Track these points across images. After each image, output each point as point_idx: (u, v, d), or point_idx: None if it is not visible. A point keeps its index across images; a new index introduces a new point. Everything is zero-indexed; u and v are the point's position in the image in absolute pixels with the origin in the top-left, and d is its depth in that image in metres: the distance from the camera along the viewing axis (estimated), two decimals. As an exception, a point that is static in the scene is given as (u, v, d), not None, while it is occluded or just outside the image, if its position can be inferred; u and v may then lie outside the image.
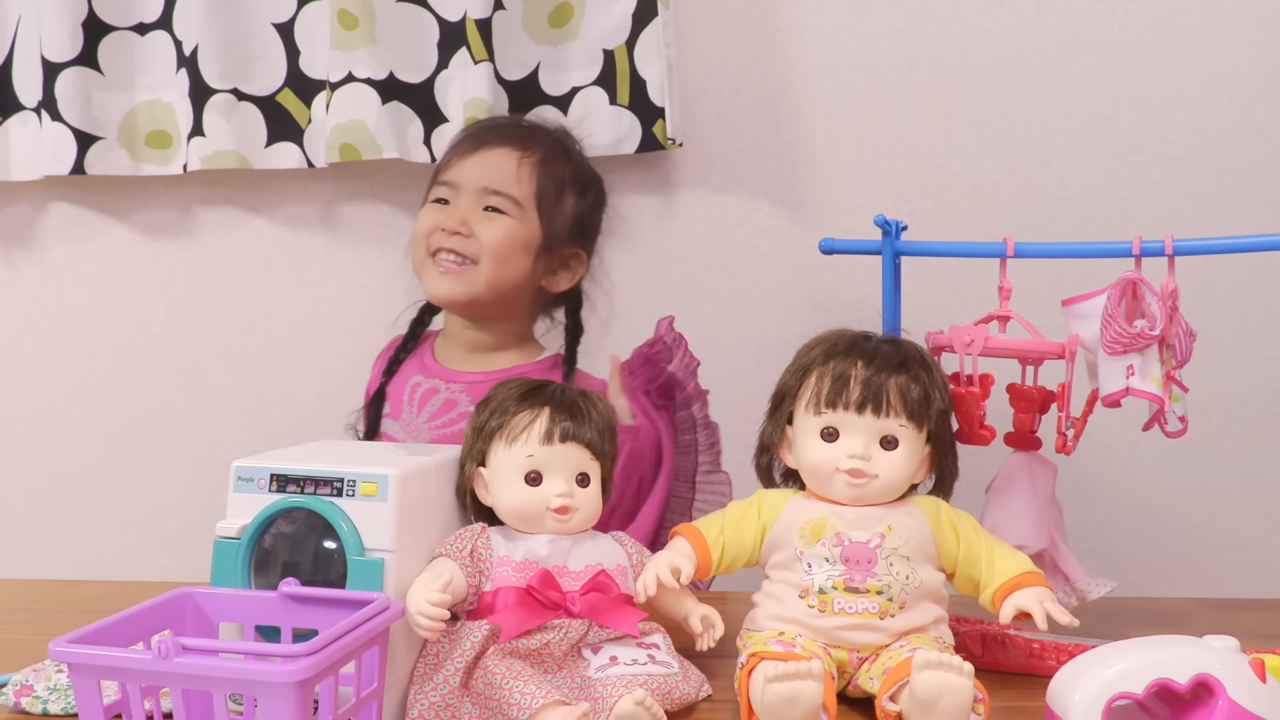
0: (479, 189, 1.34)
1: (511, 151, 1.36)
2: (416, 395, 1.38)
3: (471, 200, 1.34)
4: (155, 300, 1.79)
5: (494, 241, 1.32)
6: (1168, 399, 1.03)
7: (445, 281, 1.34)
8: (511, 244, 1.33)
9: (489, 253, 1.32)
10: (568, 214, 1.39)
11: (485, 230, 1.32)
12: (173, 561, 1.79)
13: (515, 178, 1.34)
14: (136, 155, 1.72)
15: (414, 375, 1.40)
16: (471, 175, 1.34)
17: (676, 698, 0.98)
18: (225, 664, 0.81)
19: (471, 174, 1.34)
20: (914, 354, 1.05)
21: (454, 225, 1.32)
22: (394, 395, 1.39)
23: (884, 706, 0.92)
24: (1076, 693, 0.82)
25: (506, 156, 1.35)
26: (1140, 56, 1.69)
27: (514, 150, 1.36)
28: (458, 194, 1.35)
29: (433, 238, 1.34)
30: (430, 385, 1.38)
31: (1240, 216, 1.69)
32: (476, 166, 1.35)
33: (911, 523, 1.02)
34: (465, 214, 1.33)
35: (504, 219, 1.33)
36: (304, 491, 0.98)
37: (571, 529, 1.02)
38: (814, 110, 1.72)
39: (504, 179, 1.34)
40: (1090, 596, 1.11)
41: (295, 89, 1.69)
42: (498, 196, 1.33)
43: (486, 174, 1.34)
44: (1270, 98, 1.67)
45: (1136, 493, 1.72)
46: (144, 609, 0.92)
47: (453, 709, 0.93)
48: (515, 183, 1.34)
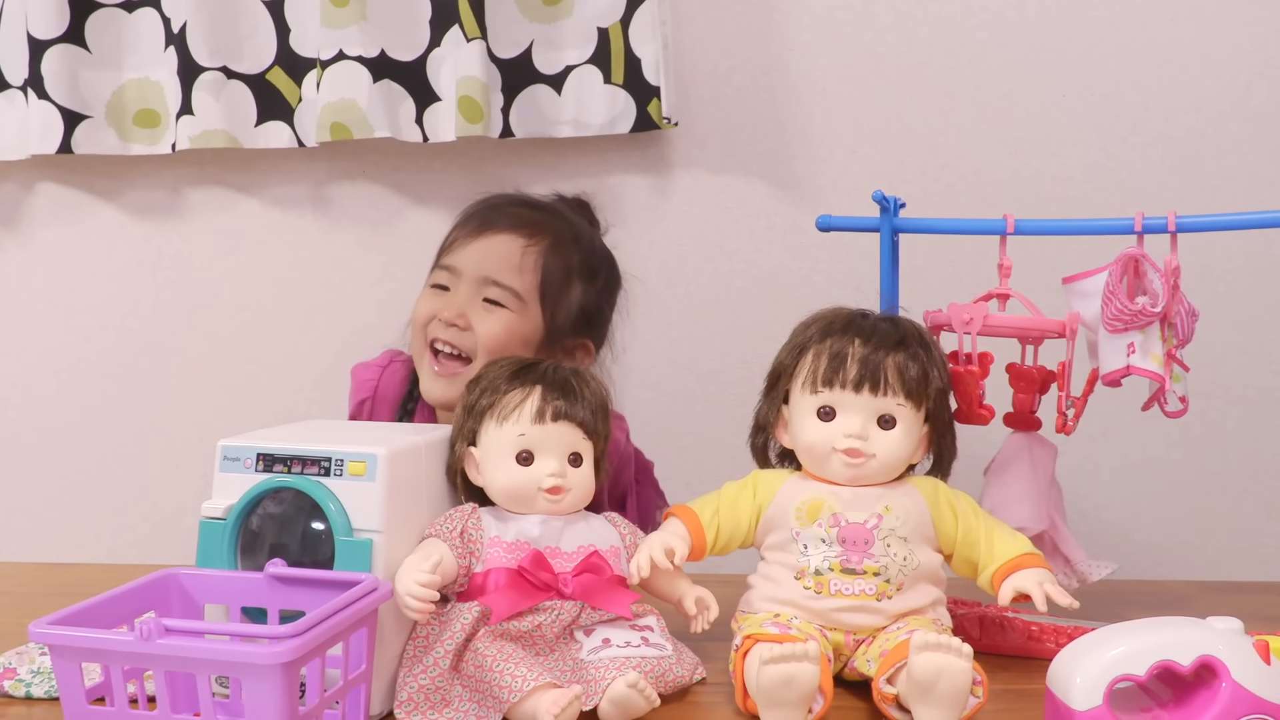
0: (478, 278, 1.27)
1: (516, 239, 1.28)
2: None
3: (470, 290, 1.27)
4: (144, 282, 1.77)
5: (490, 336, 1.25)
6: (1168, 378, 1.01)
7: (440, 384, 1.27)
8: (509, 339, 1.25)
9: (484, 348, 1.24)
10: (573, 305, 1.31)
11: (482, 324, 1.25)
12: (164, 545, 1.77)
13: (518, 268, 1.27)
14: (125, 134, 1.70)
15: None
16: (472, 262, 1.27)
17: (670, 680, 0.96)
18: (209, 645, 0.79)
19: (472, 261, 1.27)
20: (912, 332, 1.03)
21: (450, 316, 1.26)
22: None
23: (881, 689, 0.91)
24: (1078, 675, 0.80)
25: (510, 244, 1.28)
26: (1140, 36, 1.67)
27: (519, 237, 1.28)
28: (458, 281, 1.28)
29: (430, 327, 1.28)
30: None
31: (1241, 197, 1.68)
32: (478, 253, 1.28)
33: (909, 503, 1.01)
34: (463, 304, 1.26)
35: (502, 312, 1.26)
36: (291, 471, 0.96)
37: (563, 509, 1.00)
38: (811, 90, 1.71)
39: (505, 269, 1.26)
40: (1091, 578, 1.09)
41: (285, 67, 1.67)
42: (497, 288, 1.26)
43: (487, 262, 1.27)
44: (1271, 78, 1.66)
45: (1134, 475, 1.71)
46: (127, 590, 0.91)
47: (443, 691, 0.92)
48: (517, 274, 1.26)
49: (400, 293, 1.50)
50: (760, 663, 0.86)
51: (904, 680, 0.89)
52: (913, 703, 0.87)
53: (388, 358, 1.42)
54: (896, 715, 0.91)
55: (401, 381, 1.42)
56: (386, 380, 1.42)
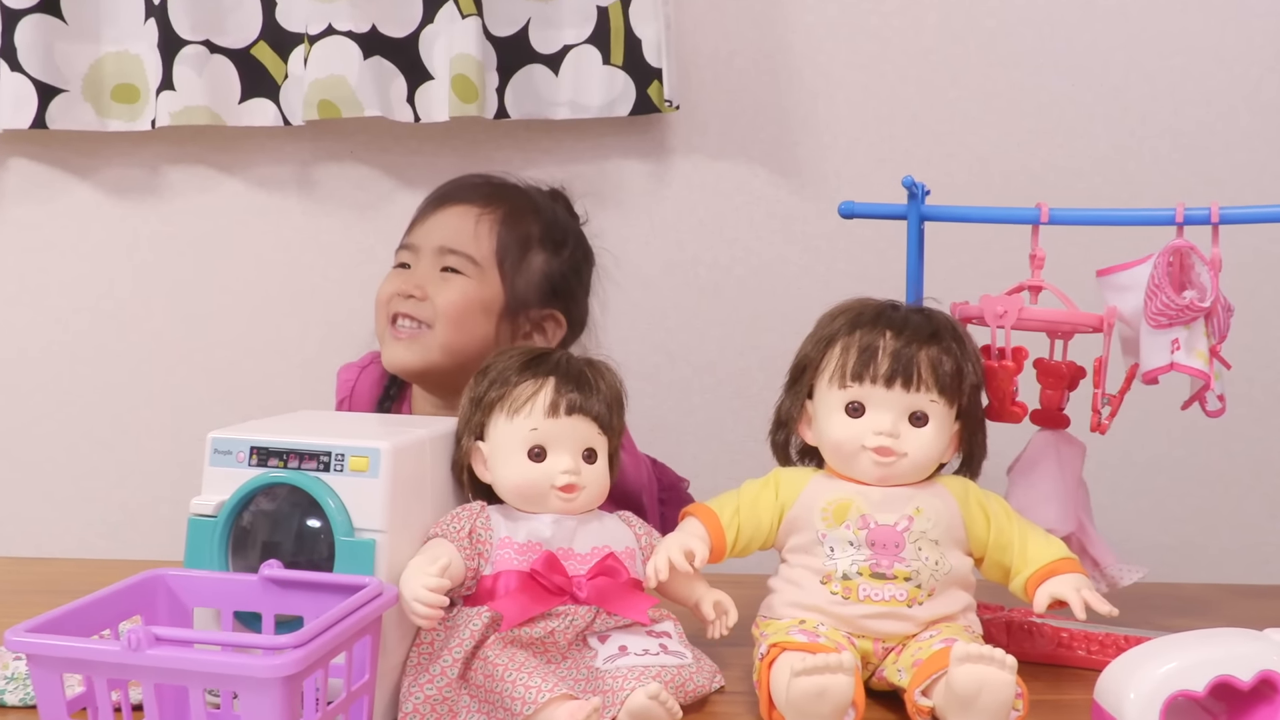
0: (435, 249, 1.27)
1: (470, 209, 1.28)
2: None
3: (429, 262, 1.27)
4: (121, 264, 1.72)
5: (448, 303, 1.24)
6: (1213, 376, 0.97)
7: (399, 348, 1.26)
8: (467, 305, 1.25)
9: (443, 316, 1.24)
10: (535, 273, 1.29)
11: (440, 292, 1.25)
12: (139, 538, 1.72)
13: (473, 235, 1.27)
14: (102, 110, 1.64)
15: None
16: (429, 236, 1.28)
17: (691, 690, 0.91)
18: (203, 656, 0.73)
19: (429, 234, 1.28)
20: (946, 325, 0.98)
21: (408, 289, 1.25)
22: None
23: (916, 701, 0.86)
24: (1131, 690, 0.76)
25: (465, 214, 1.28)
26: (1150, 27, 1.65)
27: (473, 207, 1.29)
28: (417, 257, 1.28)
29: (391, 303, 1.27)
30: None
31: (1248, 191, 1.65)
32: (435, 226, 1.28)
33: (940, 504, 0.96)
34: (421, 277, 1.26)
35: (459, 279, 1.26)
36: (287, 466, 0.90)
37: (577, 508, 0.95)
38: (815, 74, 1.68)
39: (460, 237, 1.27)
40: (1121, 583, 1.05)
41: (271, 42, 1.62)
42: (453, 255, 1.26)
43: (443, 233, 1.27)
44: (1279, 72, 1.64)
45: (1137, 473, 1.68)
46: (111, 593, 0.84)
47: (450, 703, 0.86)
48: (473, 240, 1.27)
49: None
50: (791, 674, 0.81)
51: (942, 692, 0.84)
52: (951, 716, 0.83)
53: (369, 358, 1.40)
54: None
55: (378, 381, 1.39)
56: (364, 380, 1.40)
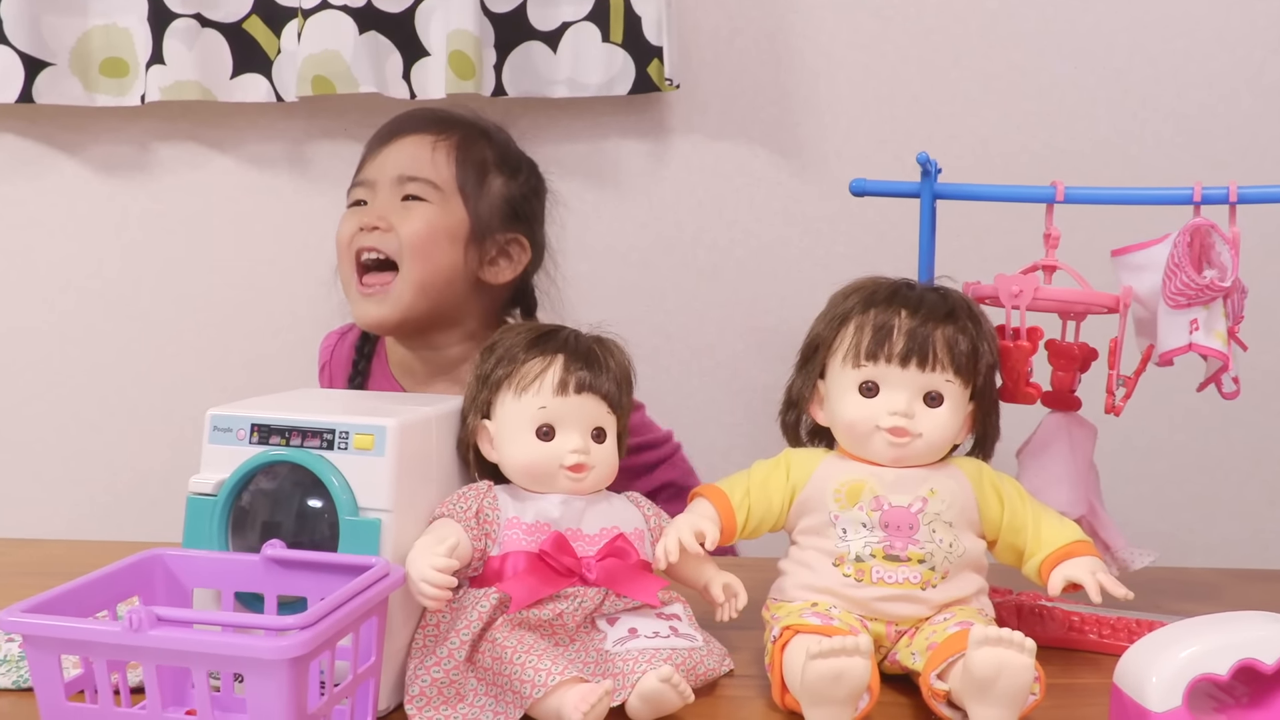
0: (393, 179, 1.24)
1: (425, 137, 1.26)
2: None
3: (388, 193, 1.24)
4: (109, 242, 1.69)
5: (413, 232, 1.21)
6: (1232, 356, 0.96)
7: (369, 305, 1.23)
8: (433, 232, 1.22)
9: (409, 246, 1.21)
10: (496, 196, 1.28)
11: (404, 221, 1.22)
12: (129, 519, 1.70)
13: (430, 161, 1.25)
14: (90, 84, 1.61)
15: None
16: (385, 168, 1.25)
17: (702, 673, 0.90)
18: (208, 638, 0.71)
19: (384, 167, 1.25)
20: (961, 304, 0.96)
21: (371, 221, 1.22)
22: None
23: (932, 685, 0.85)
24: (1153, 674, 0.74)
25: (420, 143, 1.26)
26: (1154, 9, 1.64)
27: (428, 135, 1.26)
28: (374, 191, 1.25)
29: (354, 241, 1.24)
30: None
31: (1251, 174, 1.61)
32: (389, 158, 1.25)
33: (954, 486, 0.95)
34: (382, 209, 1.23)
35: (423, 206, 1.23)
36: (289, 444, 0.88)
37: (585, 488, 0.93)
38: (816, 54, 1.66)
39: (418, 164, 1.24)
40: (1132, 567, 1.04)
41: (264, 16, 1.59)
42: (414, 183, 1.23)
43: (400, 163, 1.24)
44: (1283, 56, 1.63)
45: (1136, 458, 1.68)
46: (108, 573, 0.82)
47: (457, 685, 0.84)
48: (431, 166, 1.24)
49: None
50: (808, 657, 0.79)
51: (958, 676, 0.83)
52: (969, 700, 0.81)
53: (349, 325, 1.38)
54: (947, 713, 0.85)
55: (352, 346, 1.37)
56: (342, 347, 1.39)
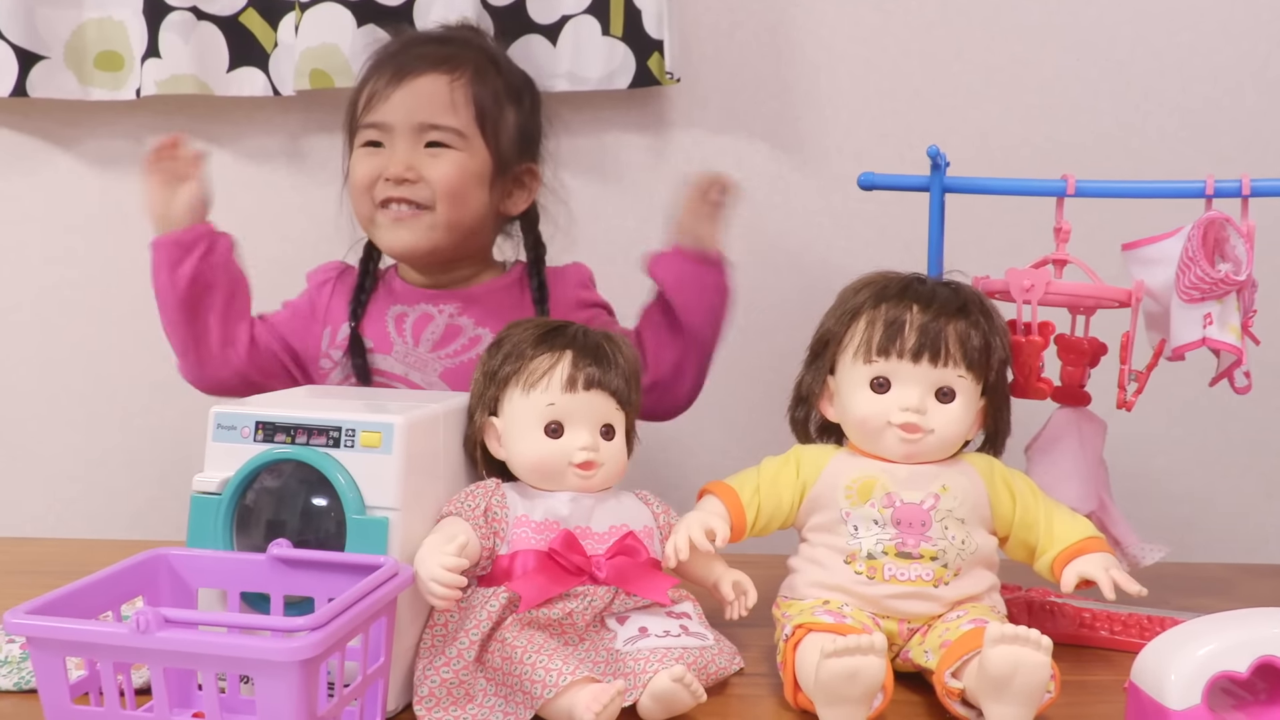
0: (414, 126, 1.20)
1: (440, 76, 1.22)
2: (407, 325, 1.25)
3: (409, 140, 1.20)
4: (103, 237, 1.66)
5: (445, 180, 1.19)
6: (1245, 351, 0.95)
7: (401, 231, 1.21)
8: (464, 179, 1.20)
9: (442, 194, 1.19)
10: (511, 129, 1.25)
11: (432, 170, 1.19)
12: (124, 517, 1.68)
13: (451, 105, 1.21)
14: (84, 78, 1.59)
15: (391, 306, 1.27)
16: (403, 112, 1.20)
17: (713, 672, 0.89)
18: (217, 639, 0.70)
19: (402, 111, 1.21)
20: (973, 298, 0.96)
21: (399, 171, 1.19)
22: (374, 332, 1.26)
23: (946, 683, 0.84)
24: (1172, 671, 0.74)
25: (436, 83, 1.21)
26: (1158, 2, 1.62)
27: (442, 74, 1.22)
28: (391, 136, 1.21)
29: (377, 189, 1.21)
30: (420, 311, 1.25)
31: (1255, 169, 1.61)
32: (407, 101, 1.21)
33: (966, 482, 0.94)
34: (406, 157, 1.20)
35: (450, 153, 1.20)
36: (294, 442, 0.87)
37: (595, 486, 0.92)
38: (817, 48, 1.65)
39: (440, 109, 1.20)
40: (1143, 563, 1.04)
41: (261, 9, 1.57)
42: (437, 130, 1.20)
43: (420, 108, 1.20)
44: (1288, 50, 1.62)
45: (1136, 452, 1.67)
46: (112, 573, 0.81)
47: (467, 686, 0.84)
48: (452, 111, 1.21)
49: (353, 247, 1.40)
50: (822, 655, 0.79)
51: (973, 674, 0.82)
52: (985, 698, 0.81)
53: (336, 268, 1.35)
54: (962, 711, 0.84)
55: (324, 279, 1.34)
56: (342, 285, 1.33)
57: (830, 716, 0.81)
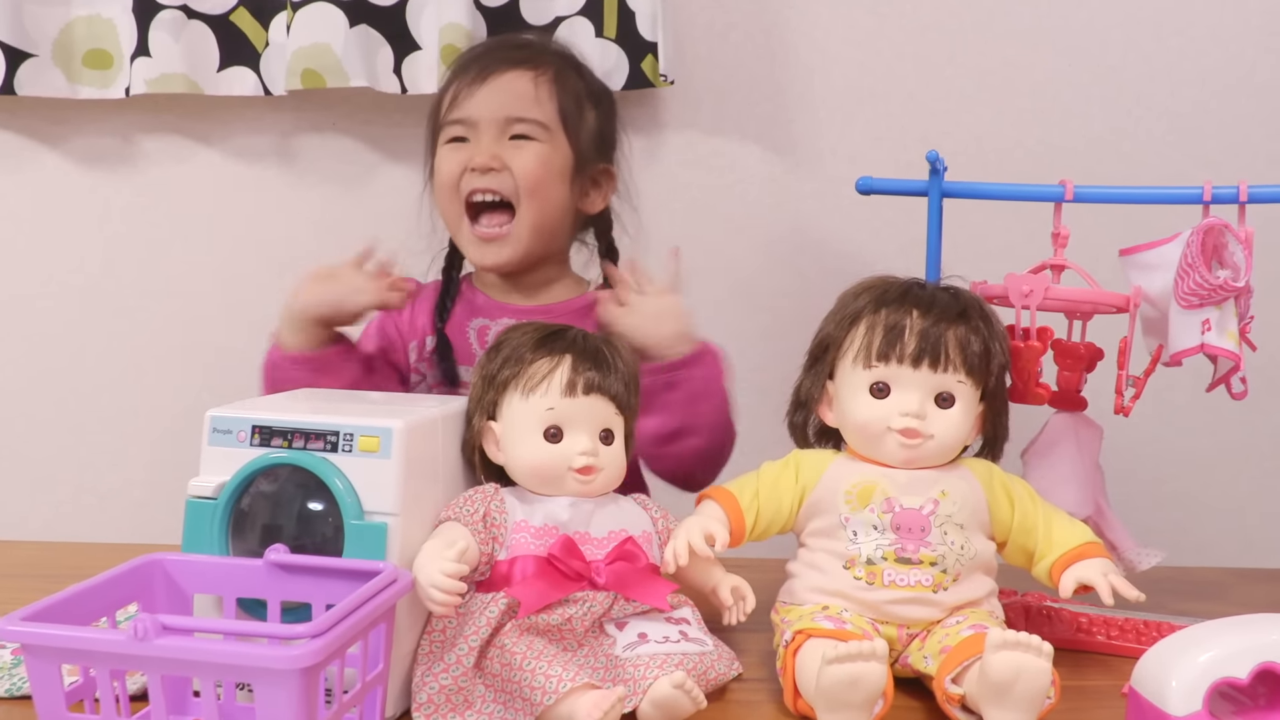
0: (500, 120, 1.22)
1: (524, 73, 1.24)
2: (490, 338, 1.22)
3: (494, 133, 1.22)
4: (92, 236, 1.66)
5: (528, 171, 1.20)
6: (1243, 357, 0.96)
7: (490, 250, 1.23)
8: (547, 171, 1.22)
9: (525, 185, 1.21)
10: (591, 128, 1.28)
11: (517, 160, 1.21)
12: (110, 521, 1.67)
13: (535, 99, 1.22)
14: (73, 76, 1.58)
15: (473, 319, 1.27)
16: (488, 107, 1.22)
17: (712, 678, 0.89)
18: (216, 647, 0.69)
19: (488, 106, 1.22)
20: (973, 304, 0.96)
21: (484, 161, 1.20)
22: (456, 344, 1.26)
23: (947, 689, 0.84)
24: (1174, 678, 0.74)
25: (520, 79, 1.23)
26: (1148, 5, 1.63)
27: (526, 72, 1.24)
28: (476, 130, 1.22)
29: (463, 181, 1.22)
30: (503, 324, 1.23)
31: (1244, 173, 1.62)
32: (492, 97, 1.22)
33: (965, 487, 0.94)
34: (491, 146, 1.21)
35: (534, 145, 1.22)
36: (292, 446, 0.86)
37: (594, 491, 0.92)
38: (811, 50, 1.65)
39: (524, 103, 1.22)
40: (1139, 568, 1.04)
41: (252, 8, 1.56)
42: (522, 123, 1.22)
43: (505, 103, 1.22)
44: (1278, 52, 1.63)
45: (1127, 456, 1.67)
46: (106, 579, 0.80)
47: (465, 693, 0.83)
48: (536, 105, 1.22)
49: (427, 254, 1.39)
50: (824, 662, 0.78)
51: (974, 680, 0.82)
52: (985, 705, 0.80)
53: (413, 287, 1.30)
54: (961, 717, 0.84)
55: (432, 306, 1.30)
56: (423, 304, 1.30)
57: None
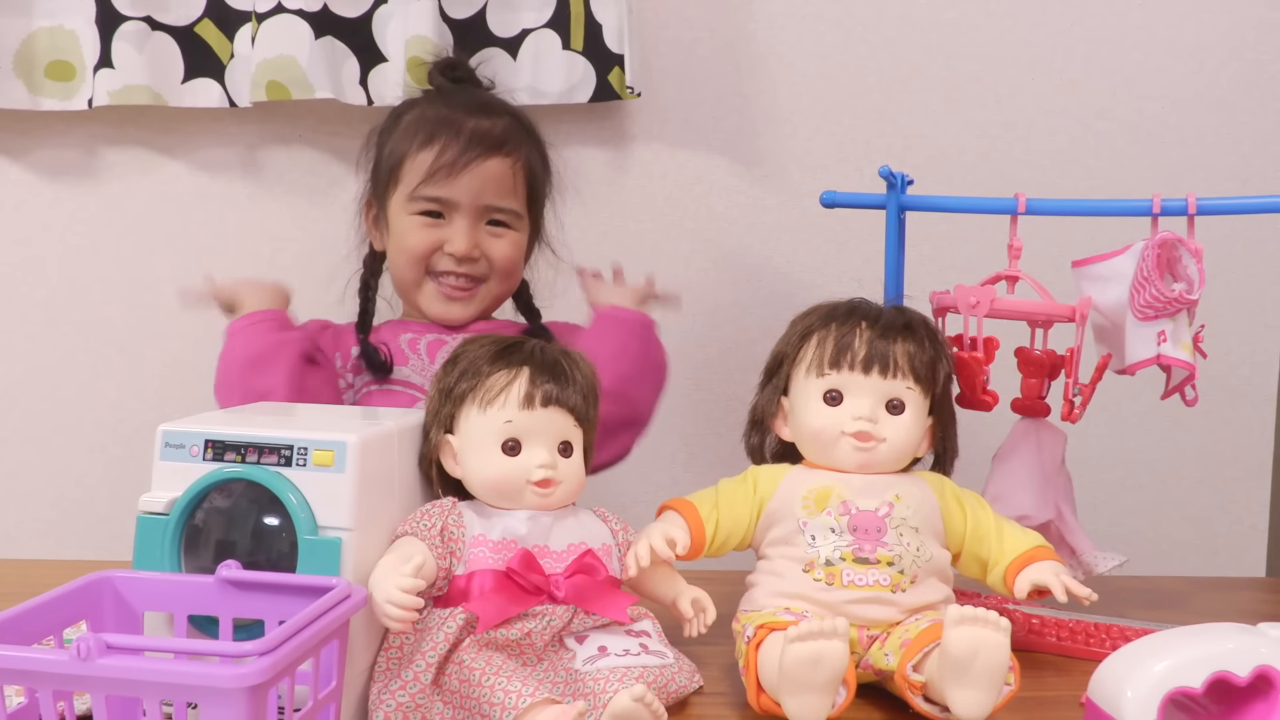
0: (479, 208, 1.27)
1: (503, 161, 1.28)
2: (420, 346, 1.28)
3: (473, 219, 1.27)
4: (54, 248, 1.64)
5: (504, 259, 1.28)
6: (1197, 367, 0.97)
7: (454, 307, 1.28)
8: (519, 255, 1.31)
9: (499, 270, 1.28)
10: (544, 200, 1.35)
11: (495, 249, 1.28)
12: (72, 536, 1.65)
13: (512, 189, 1.29)
14: (34, 88, 1.57)
15: (402, 333, 1.30)
16: (469, 193, 1.26)
17: (673, 691, 0.89)
18: (160, 666, 0.68)
19: (468, 192, 1.26)
20: (918, 319, 1.00)
21: (465, 250, 1.25)
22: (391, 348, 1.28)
23: (909, 677, 0.85)
24: (1128, 688, 0.74)
25: (499, 167, 1.28)
26: (1109, 20, 1.66)
27: (505, 159, 1.28)
28: (454, 212, 1.27)
29: (435, 259, 1.27)
30: (432, 338, 1.29)
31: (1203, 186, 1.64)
32: (473, 184, 1.26)
33: (919, 493, 0.96)
34: (472, 235, 1.26)
35: (509, 234, 1.29)
36: (245, 460, 0.86)
37: (553, 504, 0.91)
38: (778, 64, 1.66)
39: (503, 193, 1.28)
40: (1097, 570, 1.05)
41: (216, 19, 1.56)
42: (500, 213, 1.28)
43: (484, 191, 1.27)
44: (1236, 65, 1.66)
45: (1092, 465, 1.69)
46: (53, 598, 0.79)
47: (423, 710, 0.82)
48: (513, 194, 1.29)
49: (337, 266, 1.40)
50: (786, 641, 0.79)
51: (935, 663, 0.83)
52: (947, 684, 0.81)
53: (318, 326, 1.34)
54: (924, 706, 0.85)
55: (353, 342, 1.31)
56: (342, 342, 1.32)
57: (795, 708, 0.81)
